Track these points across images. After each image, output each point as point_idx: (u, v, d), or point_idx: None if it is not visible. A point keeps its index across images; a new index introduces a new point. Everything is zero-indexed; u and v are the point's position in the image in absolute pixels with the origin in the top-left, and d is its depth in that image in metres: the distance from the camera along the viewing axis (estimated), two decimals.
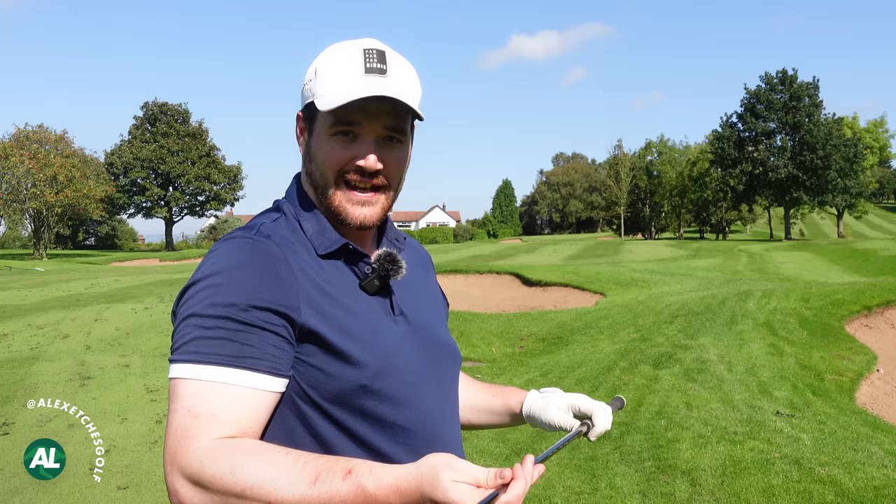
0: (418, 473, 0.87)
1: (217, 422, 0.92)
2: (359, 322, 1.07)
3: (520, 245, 43.02)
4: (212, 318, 0.96)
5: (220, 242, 1.06)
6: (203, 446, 0.90)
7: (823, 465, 4.09)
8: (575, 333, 9.35)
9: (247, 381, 0.96)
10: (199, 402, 0.93)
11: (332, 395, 1.03)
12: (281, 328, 1.00)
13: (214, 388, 0.94)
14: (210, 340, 0.96)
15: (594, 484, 4.07)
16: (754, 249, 33.14)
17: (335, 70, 1.11)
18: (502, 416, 1.38)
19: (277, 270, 1.02)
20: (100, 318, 10.89)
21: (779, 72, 50.91)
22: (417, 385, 1.11)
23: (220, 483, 0.88)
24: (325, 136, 1.12)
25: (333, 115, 1.09)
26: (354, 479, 0.87)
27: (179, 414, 0.93)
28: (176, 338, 0.98)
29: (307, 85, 1.14)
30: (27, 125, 40.59)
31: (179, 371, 0.96)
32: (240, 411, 0.95)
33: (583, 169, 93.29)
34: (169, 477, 0.91)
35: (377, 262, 1.14)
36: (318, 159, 1.13)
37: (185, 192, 56.29)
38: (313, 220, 1.13)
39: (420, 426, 1.10)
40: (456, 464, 0.87)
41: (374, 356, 1.06)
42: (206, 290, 0.99)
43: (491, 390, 1.41)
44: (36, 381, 6.94)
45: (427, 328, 1.20)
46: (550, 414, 1.30)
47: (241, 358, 0.96)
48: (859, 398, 6.43)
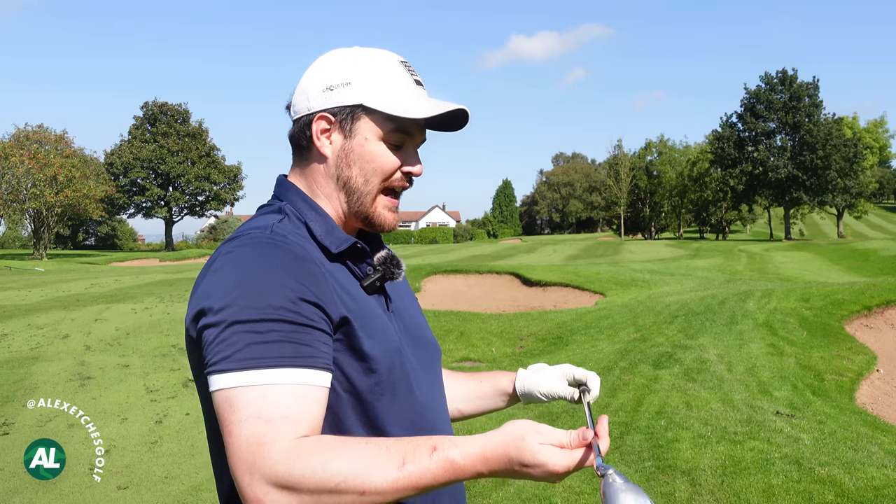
0: (503, 439, 0.91)
1: (291, 423, 0.91)
2: (372, 319, 1.09)
3: (520, 245, 43.02)
4: (262, 322, 0.94)
5: (235, 245, 1.02)
6: (284, 449, 0.89)
7: (823, 465, 4.09)
8: (575, 333, 9.35)
9: (309, 380, 0.95)
10: (268, 406, 0.91)
11: (351, 389, 1.04)
12: (325, 324, 1.00)
13: (282, 391, 0.93)
14: (267, 345, 0.94)
15: (594, 484, 4.07)
16: (754, 249, 33.14)
17: (389, 78, 1.12)
18: (494, 399, 1.39)
19: (310, 269, 1.01)
20: (100, 318, 10.89)
21: (779, 72, 50.92)
22: (416, 379, 1.14)
23: (311, 481, 0.87)
24: (375, 141, 1.12)
25: (393, 122, 1.11)
26: (441, 454, 0.89)
27: (248, 422, 0.90)
28: (219, 347, 0.94)
29: (344, 88, 1.11)
30: (27, 125, 40.61)
31: (236, 380, 0.93)
32: (309, 410, 0.94)
33: (583, 169, 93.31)
34: (249, 488, 0.89)
35: (382, 265, 1.16)
36: (366, 164, 1.13)
37: (185, 192, 56.28)
38: (320, 220, 1.13)
39: (421, 417, 1.13)
40: (541, 427, 0.92)
41: (386, 351, 1.08)
42: (246, 295, 0.95)
43: (477, 377, 1.42)
44: (36, 381, 6.94)
45: (413, 324, 1.23)
46: (548, 385, 1.31)
47: (301, 357, 0.95)
48: (859, 398, 6.43)
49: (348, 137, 1.13)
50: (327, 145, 1.14)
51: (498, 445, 0.90)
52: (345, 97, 1.11)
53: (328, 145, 1.14)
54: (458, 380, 1.41)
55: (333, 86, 1.12)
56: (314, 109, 1.13)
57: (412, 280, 15.52)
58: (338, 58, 1.15)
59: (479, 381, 1.41)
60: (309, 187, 1.17)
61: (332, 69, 1.13)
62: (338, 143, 1.13)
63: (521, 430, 0.91)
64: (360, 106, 1.11)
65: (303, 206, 1.14)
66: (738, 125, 52.36)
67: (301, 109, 1.15)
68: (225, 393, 0.93)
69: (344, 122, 1.12)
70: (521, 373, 1.37)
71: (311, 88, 1.13)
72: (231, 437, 0.91)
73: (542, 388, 1.32)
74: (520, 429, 0.91)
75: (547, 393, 1.31)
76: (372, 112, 1.12)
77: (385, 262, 1.17)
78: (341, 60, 1.14)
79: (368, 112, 1.12)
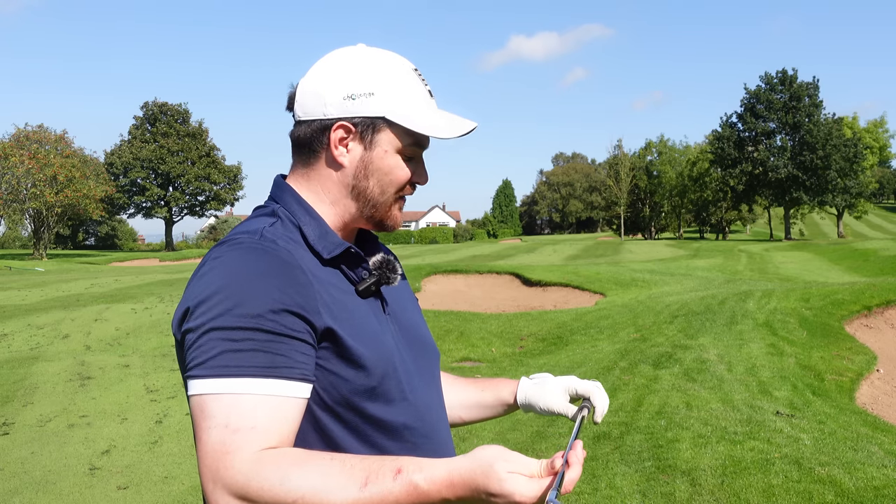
0: (471, 465, 0.88)
1: (257, 434, 0.91)
2: (364, 325, 1.08)
3: (520, 245, 43.01)
4: (239, 329, 0.94)
5: (224, 249, 1.02)
6: (247, 460, 0.89)
7: (823, 465, 4.09)
8: (575, 333, 9.35)
9: (282, 391, 0.95)
10: (236, 415, 0.91)
11: (342, 398, 1.03)
12: (306, 334, 0.99)
13: (251, 401, 0.92)
14: (240, 353, 0.93)
15: (594, 484, 4.07)
16: (754, 249, 33.14)
17: (409, 91, 1.13)
18: (495, 409, 1.39)
19: (295, 276, 1.00)
20: (100, 318, 10.89)
21: (779, 72, 50.92)
22: (413, 383, 1.13)
23: (269, 495, 0.87)
24: (393, 154, 1.12)
25: (412, 136, 1.12)
26: (405, 477, 0.88)
27: (216, 430, 0.90)
28: (196, 353, 0.94)
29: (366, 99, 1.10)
30: (27, 125, 40.59)
31: (208, 386, 0.93)
32: (278, 421, 0.94)
33: (583, 169, 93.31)
34: (212, 496, 0.89)
35: (377, 269, 1.15)
36: (384, 176, 1.13)
37: (185, 192, 56.28)
38: (314, 225, 1.12)
39: (420, 423, 1.12)
40: (511, 455, 0.89)
41: (379, 357, 1.07)
42: (225, 302, 0.95)
43: (479, 384, 1.41)
44: (36, 381, 6.94)
45: (411, 327, 1.21)
46: (548, 400, 1.30)
47: (275, 368, 0.94)
48: (859, 398, 6.43)
49: (368, 149, 1.11)
50: (345, 154, 1.12)
51: (465, 471, 0.88)
52: (367, 108, 1.10)
53: (346, 154, 1.12)
54: (461, 386, 1.40)
55: (355, 94, 1.10)
56: (332, 116, 1.10)
57: (412, 280, 15.51)
58: (354, 62, 1.12)
59: (481, 390, 1.40)
60: (312, 190, 1.15)
61: (351, 75, 1.10)
62: (356, 154, 1.12)
63: (489, 458, 0.88)
64: (383, 119, 1.10)
65: (297, 209, 1.12)
66: (738, 125, 52.36)
67: (314, 113, 1.11)
68: (198, 399, 0.93)
69: (364, 133, 1.11)
70: (524, 383, 1.35)
71: (327, 93, 1.10)
72: (200, 442, 0.92)
73: (543, 403, 1.30)
74: (489, 455, 0.88)
75: (546, 409, 1.30)
76: (393, 125, 1.11)
77: (381, 267, 1.16)
78: (359, 66, 1.11)
79: (389, 124, 1.11)
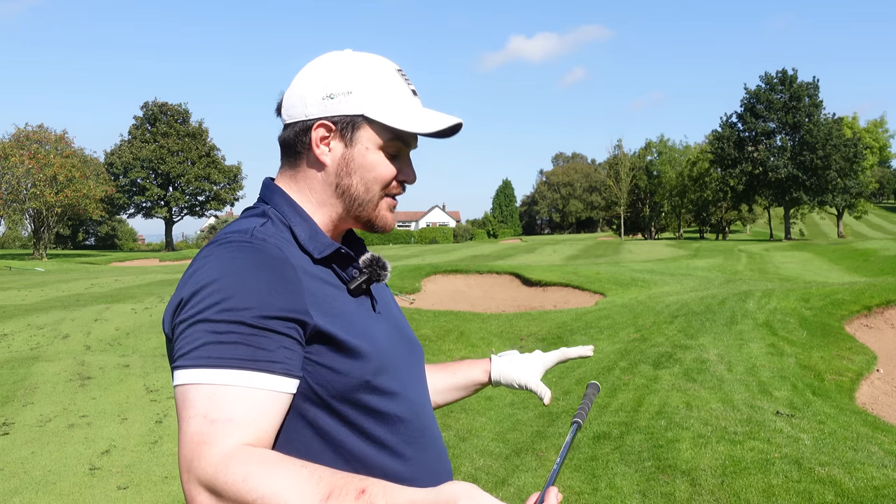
0: (435, 500, 0.86)
1: (234, 427, 0.91)
2: (357, 321, 1.09)
3: (520, 245, 43.00)
4: (223, 322, 0.95)
5: (215, 247, 1.04)
6: (219, 452, 0.89)
7: (823, 465, 4.09)
8: (575, 333, 9.35)
9: (263, 384, 0.95)
10: (215, 406, 0.92)
11: (338, 392, 1.04)
12: (292, 330, 0.99)
13: (231, 392, 0.93)
14: (223, 345, 0.94)
15: (594, 484, 4.07)
16: (754, 249, 33.14)
17: (389, 88, 1.14)
18: (467, 389, 1.48)
19: (284, 273, 1.01)
20: (100, 318, 10.89)
21: (779, 72, 50.92)
22: (406, 379, 1.15)
23: (232, 491, 0.87)
24: (374, 151, 1.13)
25: (392, 131, 1.13)
26: (367, 499, 0.87)
27: (195, 420, 0.91)
28: (181, 344, 0.96)
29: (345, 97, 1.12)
30: (27, 125, 40.61)
31: (190, 376, 0.94)
32: (256, 415, 0.94)
33: (583, 169, 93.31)
34: (186, 485, 0.90)
35: (368, 267, 1.17)
36: (367, 173, 1.14)
37: (185, 192, 56.30)
38: (304, 225, 1.13)
39: (414, 417, 1.14)
40: (476, 494, 0.87)
41: (374, 352, 1.08)
42: (213, 296, 0.96)
43: (449, 368, 1.48)
44: (36, 381, 6.94)
45: (398, 325, 1.24)
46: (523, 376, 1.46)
47: (256, 361, 0.95)
48: (859, 398, 6.43)
49: (349, 146, 1.13)
50: (326, 153, 1.14)
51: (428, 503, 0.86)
52: (346, 106, 1.12)
53: (327, 153, 1.14)
54: (432, 373, 1.45)
55: (334, 94, 1.12)
56: (313, 116, 1.13)
57: (412, 280, 15.52)
58: (335, 64, 1.14)
59: (452, 374, 1.47)
60: (300, 191, 1.17)
61: (331, 76, 1.13)
62: (338, 152, 1.14)
63: (455, 494, 0.86)
64: (362, 116, 1.12)
65: (287, 210, 1.14)
66: (738, 125, 52.35)
67: (297, 115, 1.14)
68: (181, 388, 0.94)
69: (344, 131, 1.13)
70: (496, 362, 1.48)
71: (308, 94, 1.13)
72: (180, 431, 0.93)
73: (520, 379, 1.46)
74: (455, 492, 0.86)
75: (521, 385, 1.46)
76: (372, 122, 1.12)
77: (370, 265, 1.17)
78: (339, 67, 1.14)
79: (369, 122, 1.12)
